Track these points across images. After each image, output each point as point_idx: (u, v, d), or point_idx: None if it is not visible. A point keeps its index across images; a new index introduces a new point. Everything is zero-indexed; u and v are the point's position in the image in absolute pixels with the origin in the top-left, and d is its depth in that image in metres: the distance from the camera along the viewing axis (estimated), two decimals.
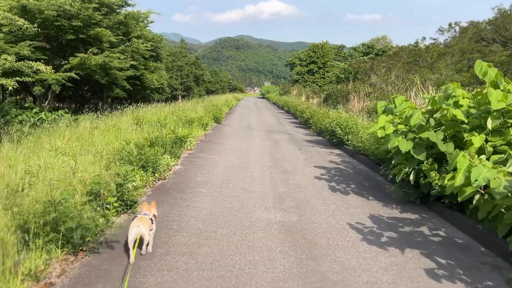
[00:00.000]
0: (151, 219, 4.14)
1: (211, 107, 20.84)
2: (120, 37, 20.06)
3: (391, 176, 6.31)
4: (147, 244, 4.05)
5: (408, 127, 6.21)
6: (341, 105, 18.41)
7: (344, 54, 27.51)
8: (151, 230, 4.10)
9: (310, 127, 17.57)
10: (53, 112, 17.54)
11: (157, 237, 4.45)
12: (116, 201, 4.89)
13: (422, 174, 5.75)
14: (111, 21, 20.09)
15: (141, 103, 18.50)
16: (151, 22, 28.38)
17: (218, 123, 18.95)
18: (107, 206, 4.75)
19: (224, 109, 25.31)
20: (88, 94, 25.76)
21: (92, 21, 17.27)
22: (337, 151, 11.47)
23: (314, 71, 52.97)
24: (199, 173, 7.84)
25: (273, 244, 4.41)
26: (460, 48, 30.73)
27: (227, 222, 5.06)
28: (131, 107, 15.28)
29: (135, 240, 3.79)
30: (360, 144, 9.85)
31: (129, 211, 5.27)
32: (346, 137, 11.14)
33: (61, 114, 17.09)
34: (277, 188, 6.92)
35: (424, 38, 44.40)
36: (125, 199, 5.19)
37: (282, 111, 31.67)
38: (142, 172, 6.62)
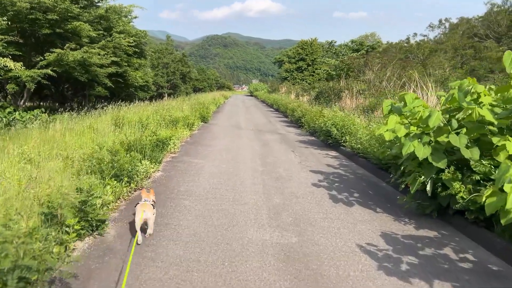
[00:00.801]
0: (152, 204, 4.43)
1: (198, 106, 19.91)
2: (101, 32, 18.98)
3: (403, 186, 5.49)
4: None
5: (421, 129, 5.41)
6: (335, 103, 17.64)
7: (335, 50, 26.63)
8: (153, 214, 4.40)
9: (301, 126, 16.77)
10: (29, 111, 16.44)
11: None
12: (78, 222, 4.01)
13: (440, 184, 4.96)
14: (91, 15, 19.00)
15: (125, 101, 17.56)
16: (135, 17, 27.29)
17: (205, 122, 18.04)
18: (67, 229, 3.85)
19: (211, 107, 24.39)
20: (69, 92, 24.61)
21: (69, 14, 16.19)
22: (333, 153, 10.66)
23: (303, 68, 52.26)
24: (182, 181, 6.95)
25: (271, 277, 3.57)
26: (453, 44, 30.15)
27: (214, 246, 4.20)
28: (111, 106, 14.31)
29: (141, 224, 4.13)
30: (359, 145, 9.05)
31: (96, 233, 4.37)
32: (343, 138, 10.35)
33: (37, 114, 16.00)
34: (271, 198, 6.07)
35: (415, 34, 43.60)
36: (89, 219, 4.28)
37: (272, 110, 30.84)
38: (115, 182, 5.72)
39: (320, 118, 12.59)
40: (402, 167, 5.77)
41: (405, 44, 34.45)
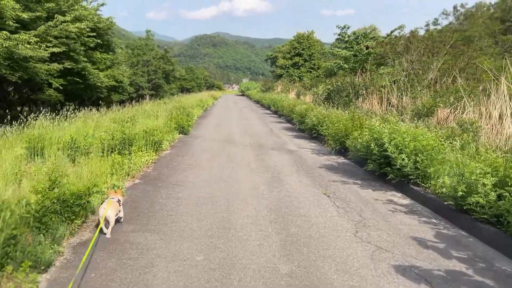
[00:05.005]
0: (118, 201, 4.49)
1: (176, 111, 15.16)
2: (39, 13, 14.05)
3: None
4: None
5: None
6: (359, 104, 13.05)
7: (348, 38, 22.04)
8: (119, 211, 4.47)
9: (316, 137, 12.16)
10: None
11: None
12: None
13: None
14: None
15: (98, 107, 13.13)
16: (102, 4, 22.55)
17: (185, 134, 13.33)
18: None
19: (195, 112, 19.66)
20: (15, 97, 19.76)
21: None
22: (400, 199, 6.02)
23: (299, 64, 47.63)
24: None
25: None
26: (483, 30, 25.60)
27: None
28: (31, 118, 9.56)
29: (103, 219, 4.04)
30: (480, 198, 4.40)
31: None
32: (426, 173, 5.71)
33: None
34: None
35: (436, 19, 39.16)
36: None
37: (269, 112, 26.09)
38: None
39: (361, 132, 7.93)
40: None
41: (422, 32, 29.94)
